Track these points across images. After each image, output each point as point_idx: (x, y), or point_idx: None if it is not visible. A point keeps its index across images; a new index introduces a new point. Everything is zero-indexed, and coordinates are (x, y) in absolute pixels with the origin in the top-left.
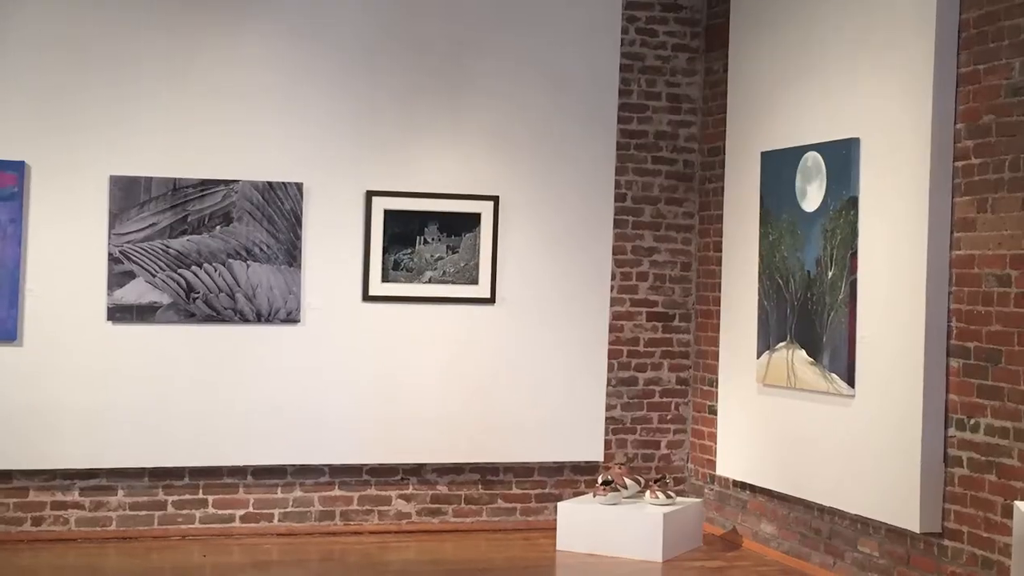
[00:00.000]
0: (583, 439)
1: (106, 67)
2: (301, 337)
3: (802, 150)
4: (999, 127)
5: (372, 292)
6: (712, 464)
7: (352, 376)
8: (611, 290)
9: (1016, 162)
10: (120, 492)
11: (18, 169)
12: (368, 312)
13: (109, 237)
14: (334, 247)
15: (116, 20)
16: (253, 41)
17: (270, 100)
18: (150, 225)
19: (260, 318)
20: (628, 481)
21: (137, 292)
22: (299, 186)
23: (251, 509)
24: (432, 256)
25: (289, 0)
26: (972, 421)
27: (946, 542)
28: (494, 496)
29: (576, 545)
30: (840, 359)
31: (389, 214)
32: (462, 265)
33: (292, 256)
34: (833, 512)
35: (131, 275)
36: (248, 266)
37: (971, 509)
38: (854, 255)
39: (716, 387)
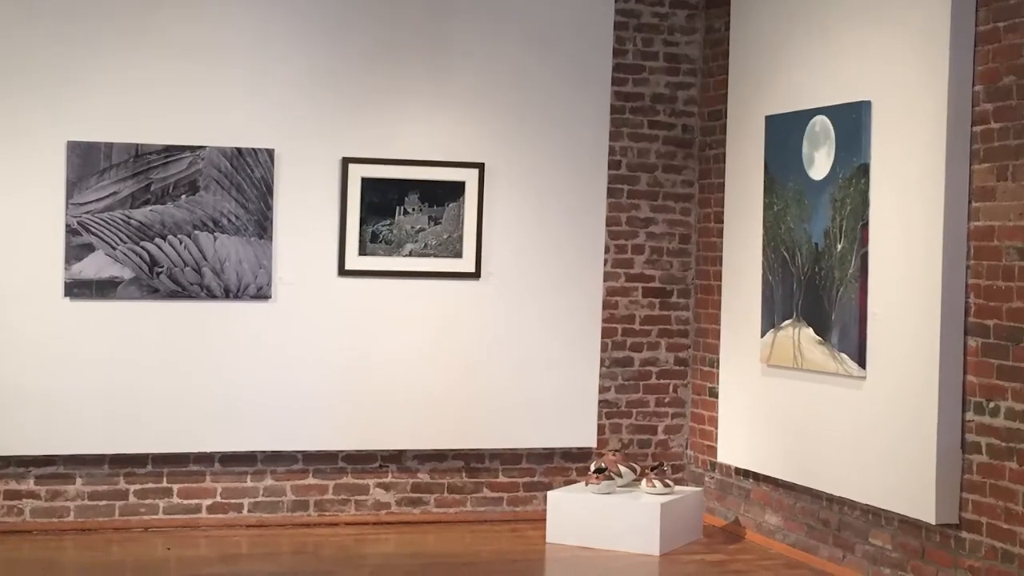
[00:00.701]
0: (575, 424)
1: (62, 22)
2: (272, 314)
3: (809, 114)
4: (1020, 89)
5: (348, 266)
6: (713, 450)
7: (327, 356)
8: (604, 264)
9: None
10: (78, 481)
11: None
12: (344, 288)
13: (66, 207)
14: (308, 218)
15: None
16: None
17: (240, 60)
18: (110, 194)
19: (228, 294)
20: (623, 469)
21: (96, 266)
22: (270, 152)
23: (219, 499)
24: (413, 228)
25: None
26: (992, 404)
27: (964, 534)
28: (479, 485)
29: (567, 537)
30: (850, 338)
31: (367, 183)
32: (445, 237)
33: (263, 227)
34: (842, 502)
35: (90, 248)
36: (215, 238)
37: (991, 499)
38: (865, 226)
39: (717, 368)
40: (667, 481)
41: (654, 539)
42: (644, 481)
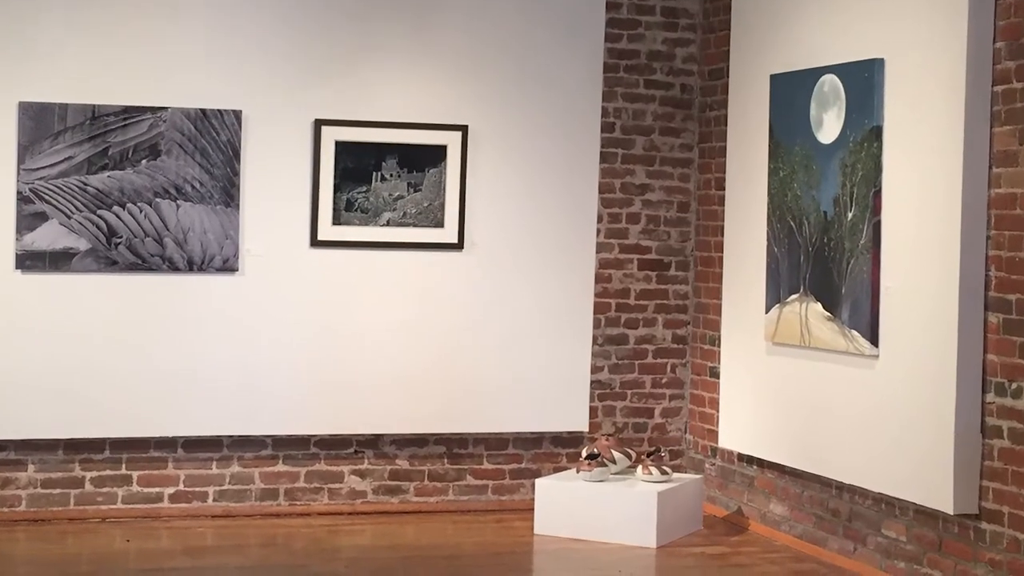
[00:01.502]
0: (565, 406)
1: None
2: (239, 288)
3: (818, 72)
4: None
5: (321, 236)
6: (714, 435)
7: (298, 333)
8: (597, 234)
9: None
10: (30, 467)
11: None
12: (317, 259)
13: (18, 173)
14: (278, 185)
15: None
16: None
17: (204, 14)
18: (65, 159)
19: (192, 266)
20: (617, 455)
21: (50, 237)
22: (237, 114)
23: (181, 487)
24: (390, 195)
25: None
26: (1014, 386)
27: (984, 525)
28: (462, 472)
29: (557, 528)
30: (861, 313)
31: (341, 146)
32: (425, 205)
33: (229, 195)
34: (853, 491)
35: (43, 217)
36: (178, 206)
37: (1012, 487)
38: (877, 193)
39: (718, 346)
40: (664, 468)
41: (650, 530)
42: (640, 468)
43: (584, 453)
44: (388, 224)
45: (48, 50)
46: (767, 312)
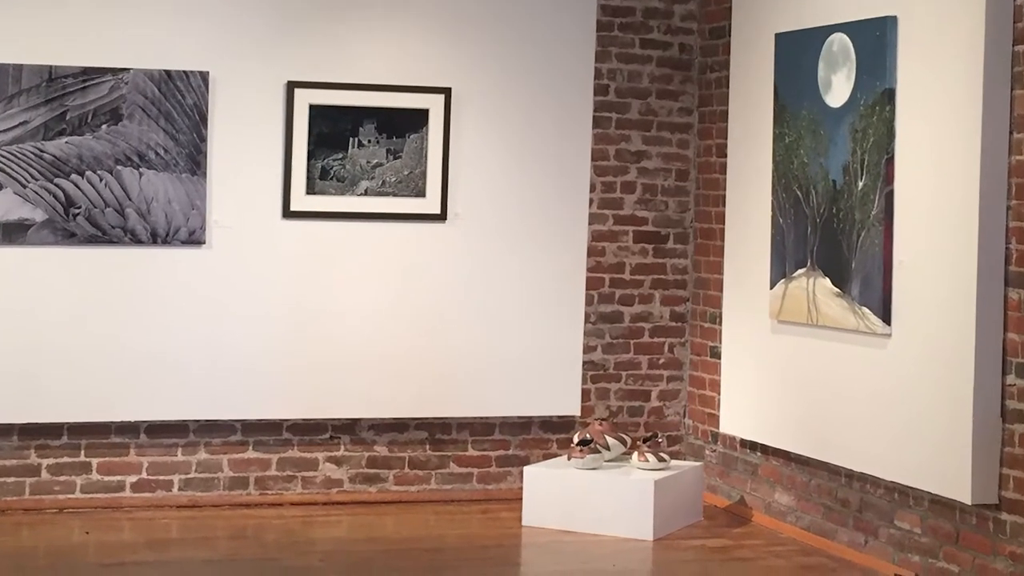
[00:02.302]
0: (555, 389)
1: None
2: (207, 262)
3: (826, 31)
4: None
5: (294, 207)
6: (715, 419)
7: (270, 311)
8: (590, 205)
9: None
10: None
11: None
12: (289, 232)
13: None
14: (248, 151)
15: None
16: None
17: None
18: (20, 124)
19: (156, 239)
20: (611, 440)
21: (4, 207)
22: (204, 76)
23: (145, 475)
24: (368, 163)
25: None
26: None
27: (1004, 515)
28: (445, 459)
29: (546, 519)
30: (873, 289)
31: (315, 110)
32: (406, 174)
33: (195, 162)
34: (864, 479)
35: None
36: (141, 175)
37: None
38: (890, 161)
39: (720, 324)
40: (662, 455)
41: (647, 522)
42: (635, 455)
43: (576, 439)
44: (366, 194)
45: (1, 6)
46: (772, 288)
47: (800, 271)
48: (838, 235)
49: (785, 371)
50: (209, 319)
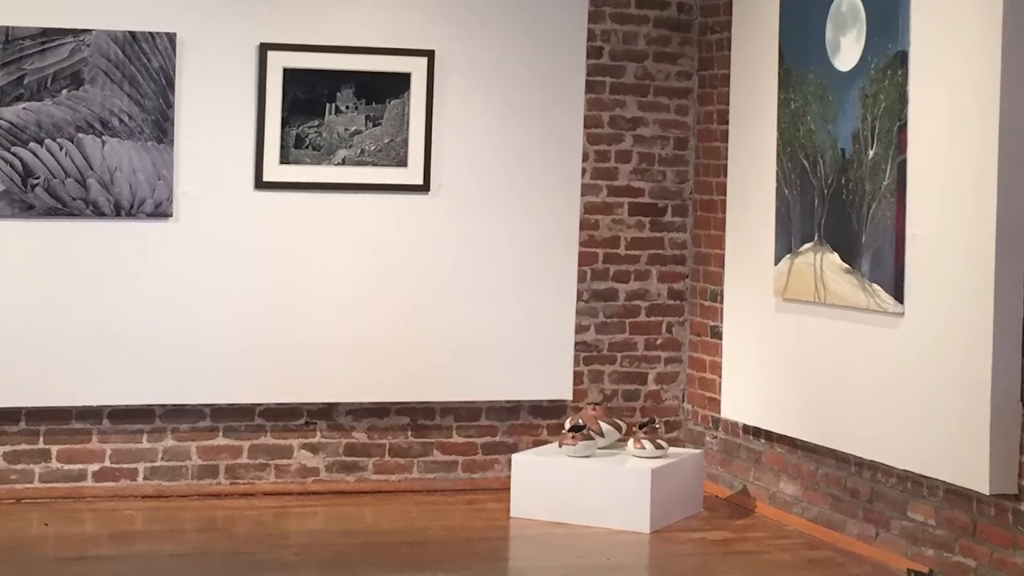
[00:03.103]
0: (546, 371)
1: None
2: (174, 236)
3: None
4: None
5: (267, 177)
6: (716, 404)
7: (241, 288)
8: (582, 175)
9: None
10: None
11: None
12: (262, 204)
13: None
14: (217, 118)
15: None
16: None
17: None
18: None
19: (120, 211)
20: (605, 426)
21: None
22: (171, 37)
23: (108, 463)
24: (346, 130)
25: None
26: None
27: None
28: (428, 446)
29: (536, 510)
30: (884, 265)
31: (290, 74)
32: (386, 142)
33: (162, 129)
34: (875, 468)
35: None
36: (104, 143)
37: None
38: (902, 128)
39: (721, 303)
40: (659, 441)
41: (643, 513)
42: (631, 441)
43: (567, 425)
44: (344, 163)
45: None
46: (776, 264)
47: (807, 246)
48: (847, 207)
49: (791, 352)
50: (176, 297)
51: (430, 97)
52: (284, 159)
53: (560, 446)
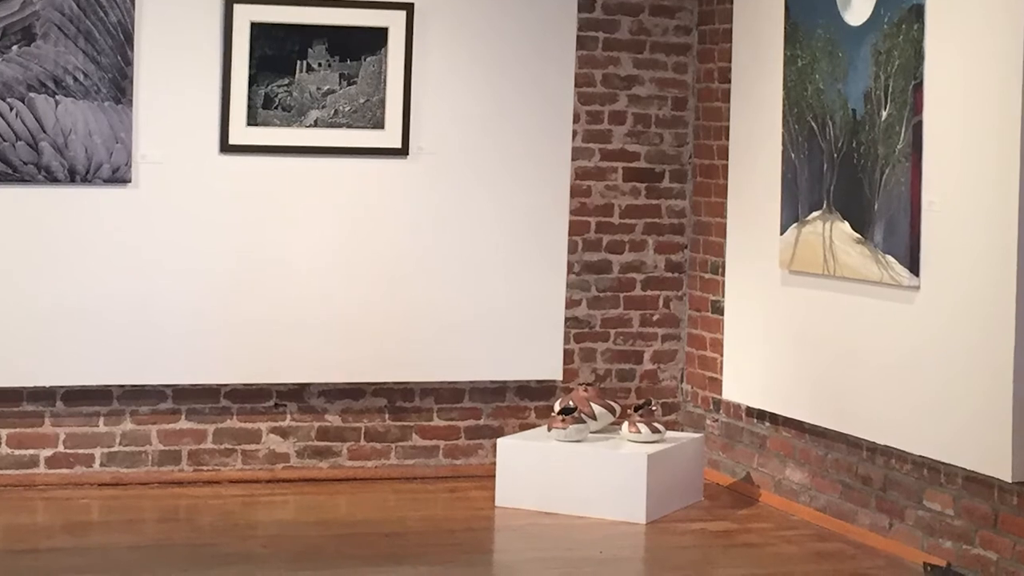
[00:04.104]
0: (534, 349)
1: None
2: (133, 204)
3: None
4: None
5: (234, 140)
6: (717, 385)
7: (205, 260)
8: (573, 137)
9: None
10: None
11: None
12: (228, 169)
13: None
14: (180, 76)
15: None
16: None
17: None
18: None
19: (75, 177)
20: (597, 409)
21: None
22: None
23: (61, 448)
24: (319, 89)
25: None
26: None
27: None
28: (406, 430)
29: (523, 499)
30: (899, 235)
31: (258, 29)
32: (362, 102)
33: (120, 89)
34: (888, 453)
35: None
36: (57, 103)
37: None
38: (918, 87)
39: (722, 275)
40: (656, 425)
41: (639, 502)
42: (626, 425)
43: (557, 407)
44: (316, 125)
45: None
46: (782, 233)
47: (815, 214)
48: (858, 172)
49: (797, 329)
50: (135, 269)
51: (409, 54)
52: (252, 121)
53: (549, 430)
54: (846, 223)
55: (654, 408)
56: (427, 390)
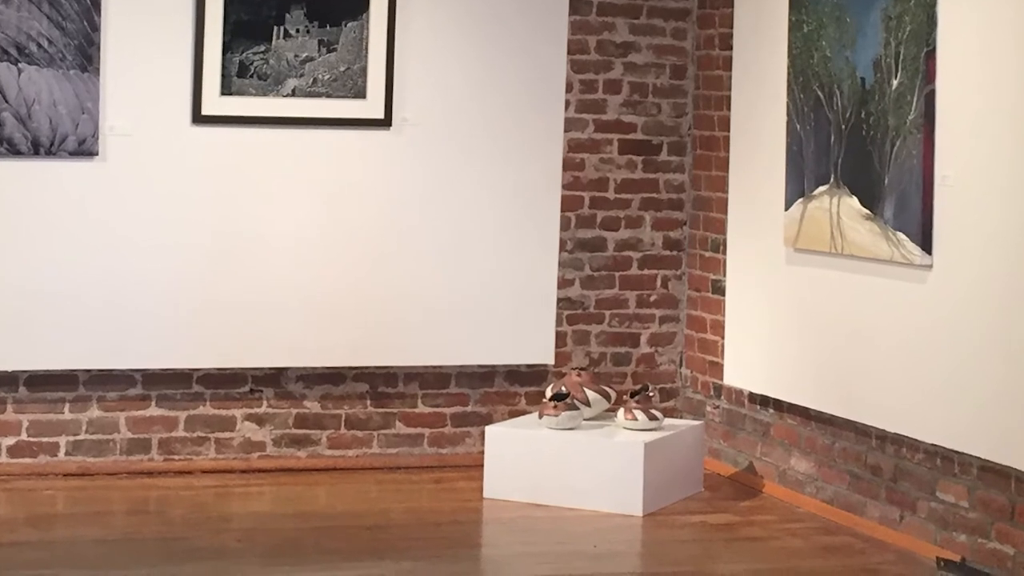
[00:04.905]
0: (524, 332)
1: None
2: (100, 177)
3: None
4: None
5: (207, 110)
6: (718, 369)
7: (176, 237)
8: (566, 108)
9: None
10: None
11: None
12: (201, 140)
13: None
14: (150, 43)
15: None
16: None
17: None
18: None
19: (38, 149)
20: (591, 395)
21: None
22: None
23: (24, 437)
24: (297, 57)
25: None
26: None
27: None
28: (389, 417)
29: (512, 491)
30: (910, 211)
31: None
32: (342, 70)
33: (87, 56)
34: (899, 441)
35: None
36: (20, 71)
37: None
38: (931, 54)
39: (724, 253)
40: (653, 412)
41: (635, 493)
42: (621, 412)
43: (549, 393)
44: (293, 94)
45: None
46: (787, 209)
47: (821, 189)
48: (868, 145)
49: (803, 310)
50: (103, 247)
51: (392, 19)
52: (226, 90)
53: (540, 417)
54: (854, 198)
55: (651, 394)
56: (411, 375)
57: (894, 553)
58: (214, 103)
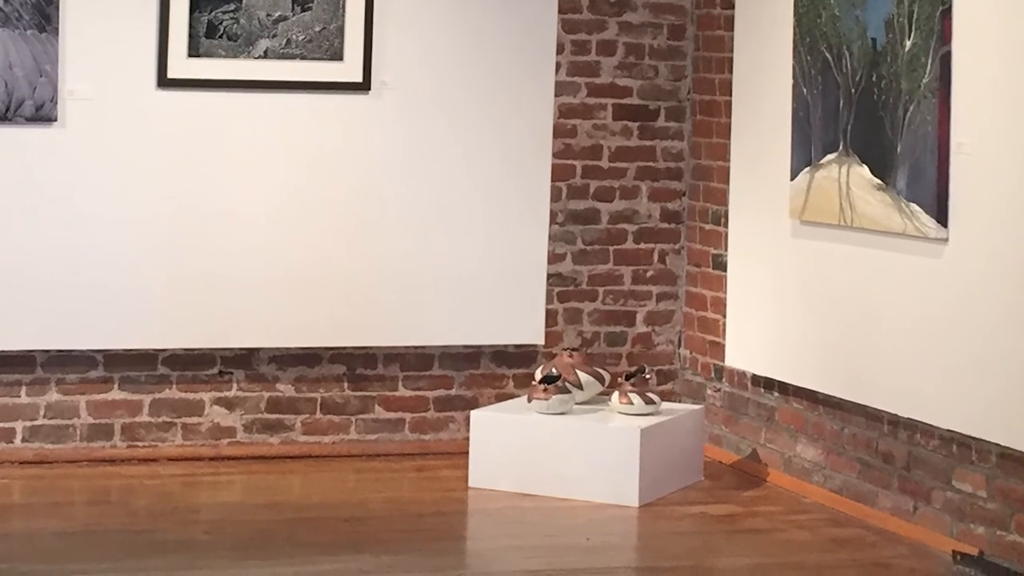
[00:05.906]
0: (512, 310)
1: None
2: (59, 145)
3: None
4: None
5: (173, 73)
6: (719, 350)
7: (141, 209)
8: (556, 70)
9: None
10: None
11: None
12: (167, 105)
13: None
14: (113, 1)
15: None
16: None
17: None
18: None
19: None
20: (584, 377)
21: None
22: None
23: None
24: (269, 16)
25: None
26: None
27: None
28: (368, 401)
29: (500, 479)
30: (924, 181)
31: None
32: (317, 30)
33: (44, 15)
34: (913, 427)
35: None
36: None
37: None
38: (946, 13)
39: (725, 226)
40: (650, 395)
41: (631, 482)
42: (616, 395)
43: (539, 375)
44: (265, 56)
45: None
46: (793, 179)
47: (829, 157)
48: (879, 110)
49: (810, 286)
50: (62, 219)
51: None
52: (193, 51)
53: (530, 401)
54: (865, 167)
55: (648, 376)
56: (391, 356)
57: (907, 546)
58: (181, 65)
